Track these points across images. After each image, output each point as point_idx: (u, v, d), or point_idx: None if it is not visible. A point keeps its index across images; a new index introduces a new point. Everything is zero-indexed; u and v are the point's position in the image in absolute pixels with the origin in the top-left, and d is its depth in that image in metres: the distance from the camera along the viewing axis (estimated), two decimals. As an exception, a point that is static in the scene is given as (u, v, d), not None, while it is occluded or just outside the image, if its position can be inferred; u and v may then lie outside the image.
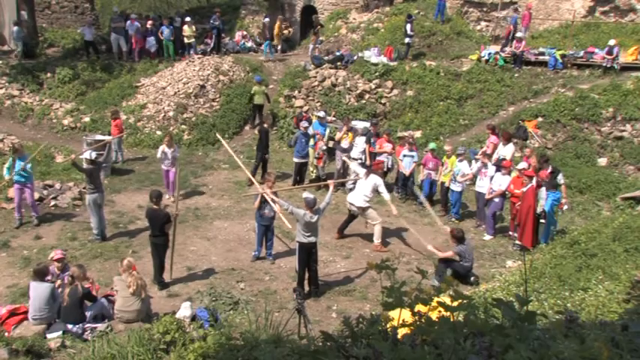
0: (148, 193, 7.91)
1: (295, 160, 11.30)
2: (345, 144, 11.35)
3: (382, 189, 8.59)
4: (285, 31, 17.91)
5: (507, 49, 15.56)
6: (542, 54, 15.63)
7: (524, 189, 8.73)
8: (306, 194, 7.14)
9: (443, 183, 10.26)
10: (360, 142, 11.00)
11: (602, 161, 12.46)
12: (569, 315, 1.83)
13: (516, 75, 15.28)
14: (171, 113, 14.40)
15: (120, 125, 12.24)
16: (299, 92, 15.35)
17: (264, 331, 3.87)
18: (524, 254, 8.17)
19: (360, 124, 12.79)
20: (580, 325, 1.79)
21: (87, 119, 14.22)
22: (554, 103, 13.78)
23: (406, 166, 10.72)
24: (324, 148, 11.35)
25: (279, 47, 17.59)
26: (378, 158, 11.05)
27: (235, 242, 8.85)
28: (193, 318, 5.83)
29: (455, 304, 1.69)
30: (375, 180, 8.66)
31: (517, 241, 8.79)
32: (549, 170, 8.78)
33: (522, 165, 9.87)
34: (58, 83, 15.20)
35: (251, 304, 6.89)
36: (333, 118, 14.22)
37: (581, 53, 15.36)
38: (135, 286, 6.03)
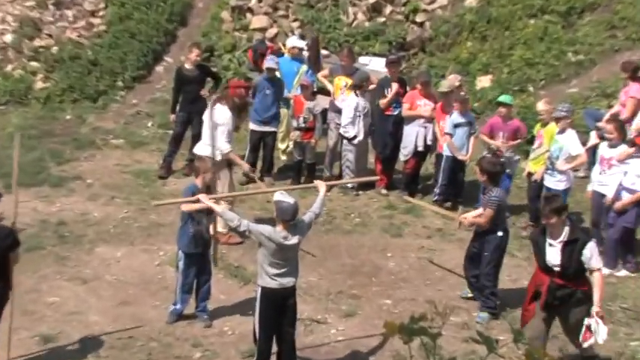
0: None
1: (253, 126, 11.37)
2: (342, 101, 11.44)
3: (222, 145, 9.44)
4: None
5: None
6: None
7: None
8: (279, 196, 7.15)
9: (530, 174, 10.32)
10: (350, 103, 11.15)
11: None
12: None
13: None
14: (8, 37, 14.24)
15: None
16: (259, 1, 15.32)
17: None
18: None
19: (374, 63, 12.68)
20: None
21: None
22: None
23: (458, 142, 10.74)
24: (317, 109, 11.45)
25: None
26: (408, 128, 11.20)
27: (137, 287, 8.88)
28: None
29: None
30: (221, 114, 9.56)
31: None
32: None
33: None
34: None
35: (167, 406, 6.96)
36: (325, 52, 14.07)
37: None
38: None
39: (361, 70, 11.97)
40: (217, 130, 9.53)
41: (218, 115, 9.60)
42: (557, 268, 6.97)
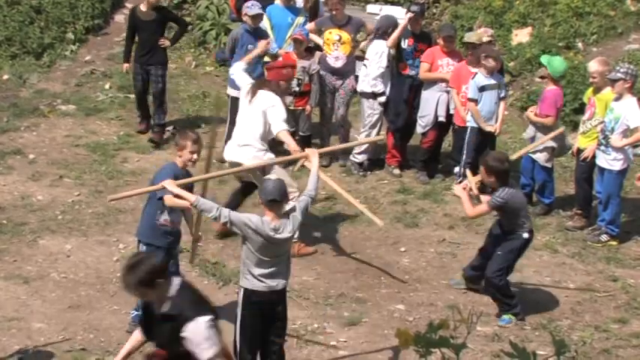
0: None
1: (232, 92, 11.42)
2: (336, 59, 11.49)
3: (278, 124, 9.27)
4: None
5: None
6: None
7: None
8: (265, 175, 7.25)
9: (579, 151, 10.36)
10: (380, 50, 11.12)
11: None
12: None
13: None
14: None
15: None
16: None
17: None
18: None
19: (386, 13, 12.75)
20: None
21: None
22: None
23: (485, 110, 10.76)
24: (314, 69, 11.56)
25: None
26: (427, 93, 11.27)
27: (91, 287, 8.88)
28: None
29: None
30: (268, 101, 9.32)
31: None
32: None
33: None
34: None
35: None
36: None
37: None
38: None
39: (386, 14, 11.97)
40: (266, 114, 9.34)
41: (262, 101, 9.39)
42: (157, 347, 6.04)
